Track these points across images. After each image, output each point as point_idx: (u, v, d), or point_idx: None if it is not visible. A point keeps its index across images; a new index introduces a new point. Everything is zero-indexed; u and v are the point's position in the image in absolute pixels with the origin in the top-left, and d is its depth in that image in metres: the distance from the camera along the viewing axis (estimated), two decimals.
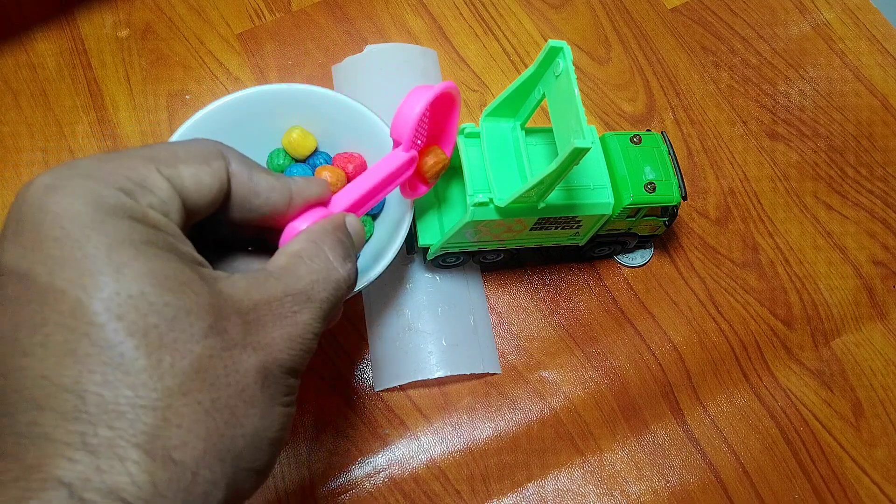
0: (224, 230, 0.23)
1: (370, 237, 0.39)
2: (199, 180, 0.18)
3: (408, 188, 0.33)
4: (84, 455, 0.14)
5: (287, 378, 0.19)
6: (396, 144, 0.30)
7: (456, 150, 0.37)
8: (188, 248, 0.18)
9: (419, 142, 0.31)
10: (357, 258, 0.24)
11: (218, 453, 0.15)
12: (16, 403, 0.15)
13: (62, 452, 0.14)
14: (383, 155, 0.31)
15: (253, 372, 0.17)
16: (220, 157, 0.20)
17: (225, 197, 0.20)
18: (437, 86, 0.29)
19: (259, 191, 0.21)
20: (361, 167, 0.39)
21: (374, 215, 0.40)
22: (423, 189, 0.34)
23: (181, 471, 0.14)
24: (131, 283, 0.15)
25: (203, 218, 0.20)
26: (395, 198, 0.38)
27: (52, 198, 0.15)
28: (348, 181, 0.38)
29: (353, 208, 0.27)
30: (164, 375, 0.15)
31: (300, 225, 0.23)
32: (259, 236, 0.25)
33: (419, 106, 0.29)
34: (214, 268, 0.22)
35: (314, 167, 0.38)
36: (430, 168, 0.32)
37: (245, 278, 0.19)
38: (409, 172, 0.31)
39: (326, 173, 0.36)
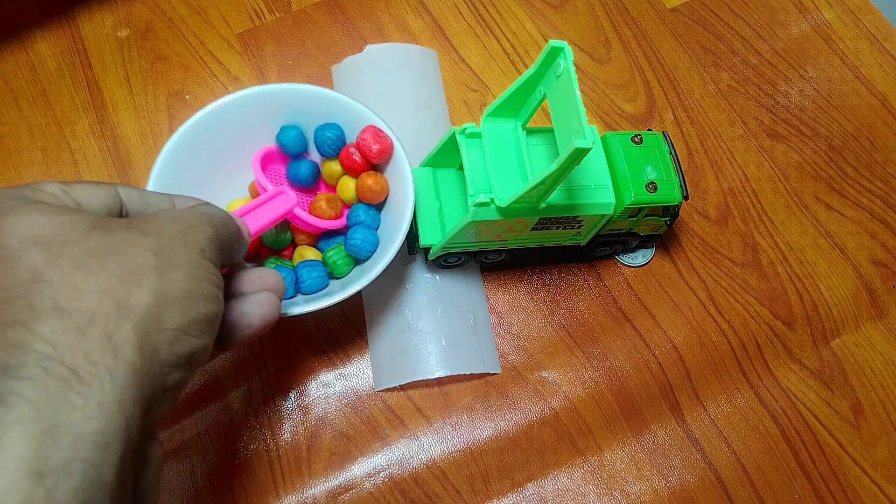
0: None
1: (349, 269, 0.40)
2: (90, 191, 0.24)
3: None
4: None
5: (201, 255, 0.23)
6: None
7: (457, 149, 0.37)
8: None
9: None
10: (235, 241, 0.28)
11: (115, 304, 0.20)
12: None
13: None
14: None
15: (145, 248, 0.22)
16: (111, 185, 0.25)
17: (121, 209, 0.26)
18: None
19: (150, 202, 0.26)
20: (387, 151, 0.38)
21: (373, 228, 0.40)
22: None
23: (78, 317, 0.19)
24: (27, 220, 0.21)
25: None
26: (395, 198, 0.38)
27: None
28: (370, 162, 0.39)
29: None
30: (61, 257, 0.20)
31: None
32: None
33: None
34: None
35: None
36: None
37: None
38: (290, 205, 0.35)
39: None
